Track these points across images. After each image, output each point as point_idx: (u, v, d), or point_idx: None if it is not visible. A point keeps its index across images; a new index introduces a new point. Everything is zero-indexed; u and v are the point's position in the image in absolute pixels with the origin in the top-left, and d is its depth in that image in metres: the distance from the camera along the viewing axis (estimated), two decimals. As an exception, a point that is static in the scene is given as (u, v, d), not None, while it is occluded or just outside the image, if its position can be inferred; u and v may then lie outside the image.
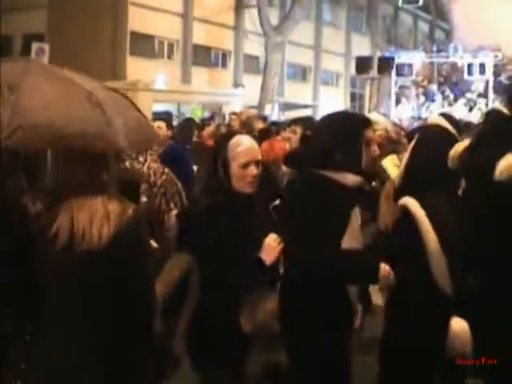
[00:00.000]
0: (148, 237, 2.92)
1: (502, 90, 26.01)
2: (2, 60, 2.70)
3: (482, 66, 26.83)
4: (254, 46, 35.19)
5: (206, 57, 34.98)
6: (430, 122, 4.26)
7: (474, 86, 27.75)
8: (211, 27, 34.18)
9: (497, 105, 13.22)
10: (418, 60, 28.98)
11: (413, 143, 3.79)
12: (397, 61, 28.85)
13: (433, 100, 28.25)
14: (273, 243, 3.53)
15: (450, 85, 28.70)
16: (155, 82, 25.73)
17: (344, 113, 4.93)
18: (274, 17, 33.20)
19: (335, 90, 43.81)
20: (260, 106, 28.92)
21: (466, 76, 27.53)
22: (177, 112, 25.32)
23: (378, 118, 4.21)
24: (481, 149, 3.59)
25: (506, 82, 26.98)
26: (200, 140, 11.40)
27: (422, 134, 3.81)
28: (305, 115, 15.11)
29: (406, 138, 8.17)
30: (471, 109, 26.10)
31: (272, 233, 3.59)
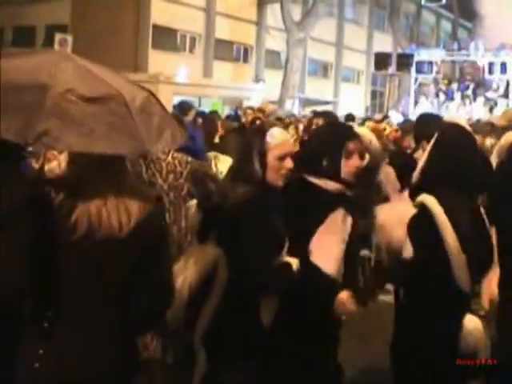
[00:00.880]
0: (167, 229, 2.91)
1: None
2: (27, 50, 2.70)
3: (504, 65, 26.32)
4: (275, 42, 35.20)
5: (228, 51, 35.04)
6: (448, 120, 4.22)
7: (495, 85, 27.35)
8: (233, 22, 34.22)
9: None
10: (438, 58, 28.65)
11: (432, 141, 3.80)
12: (417, 58, 28.54)
13: (452, 98, 27.95)
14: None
15: (470, 84, 28.29)
16: (177, 75, 25.77)
17: (333, 124, 5.33)
18: (296, 12, 33.17)
19: (356, 87, 43.73)
20: (280, 101, 29.00)
21: (486, 75, 27.12)
22: (198, 106, 25.30)
23: (363, 132, 4.47)
24: None
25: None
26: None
27: (441, 132, 3.81)
28: (325, 109, 15.04)
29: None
30: (491, 108, 25.68)
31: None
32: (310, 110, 28.71)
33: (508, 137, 5.06)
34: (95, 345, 2.69)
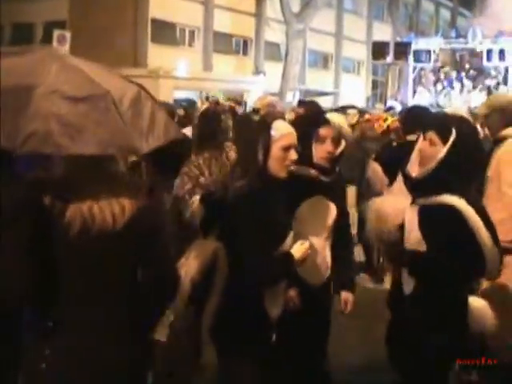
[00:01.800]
0: (164, 221, 2.94)
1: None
2: (22, 48, 2.70)
3: (502, 52, 25.71)
4: (275, 34, 35.18)
5: (227, 44, 35.01)
6: (452, 113, 4.26)
7: (494, 73, 27.14)
8: (232, 14, 34.21)
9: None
10: (436, 46, 28.38)
11: (452, 137, 3.65)
12: (414, 47, 28.11)
13: (452, 87, 27.80)
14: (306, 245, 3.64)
15: (469, 72, 28.10)
16: (176, 69, 25.76)
17: (306, 113, 5.63)
18: (295, 4, 33.12)
19: (356, 78, 43.70)
20: (281, 93, 28.90)
21: (485, 62, 26.68)
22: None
23: (334, 118, 4.45)
24: None
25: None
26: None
27: (459, 128, 3.68)
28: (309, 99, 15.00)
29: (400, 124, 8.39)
30: (490, 94, 25.41)
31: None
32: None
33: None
34: (102, 343, 2.69)
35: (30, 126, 2.43)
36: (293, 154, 3.57)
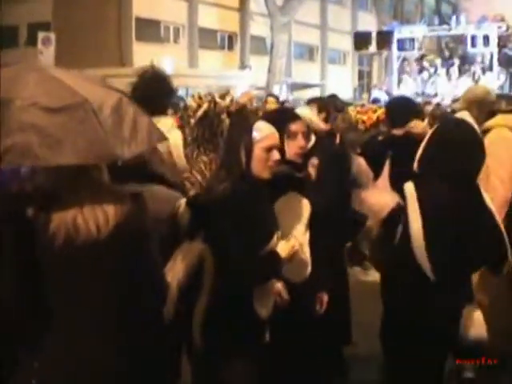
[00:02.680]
0: (150, 226, 2.90)
1: (507, 62, 25.63)
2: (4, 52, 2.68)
3: (486, 38, 25.60)
4: (260, 27, 35.13)
5: (213, 40, 34.96)
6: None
7: (479, 59, 27.06)
8: (216, 10, 34.15)
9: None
10: (419, 34, 28.19)
11: (431, 130, 3.84)
12: (398, 35, 27.83)
13: (437, 74, 27.75)
14: (292, 241, 3.64)
15: (454, 58, 27.99)
16: (162, 66, 25.67)
17: (277, 110, 5.62)
18: (278, -3, 33.17)
19: (343, 69, 43.67)
20: (268, 86, 28.94)
21: (469, 48, 26.45)
22: (185, 96, 25.24)
23: (303, 112, 4.54)
24: None
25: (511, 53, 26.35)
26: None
27: (441, 122, 3.81)
28: (318, 96, 15.11)
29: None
30: (477, 82, 25.37)
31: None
32: (299, 94, 28.71)
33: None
34: (93, 355, 2.67)
35: (8, 139, 2.43)
36: (275, 155, 3.57)
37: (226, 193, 3.42)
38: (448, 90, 24.88)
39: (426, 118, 8.19)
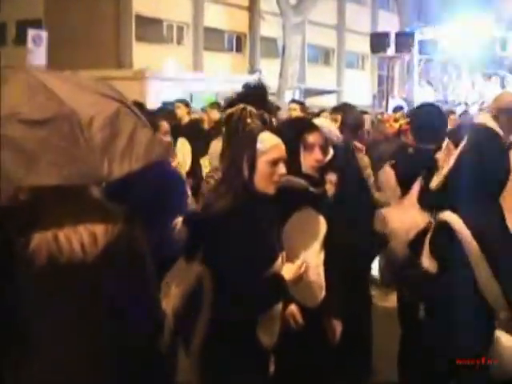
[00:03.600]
0: (144, 249, 2.86)
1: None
2: None
3: None
4: (271, 28, 35.08)
5: (219, 41, 35.14)
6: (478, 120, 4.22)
7: (508, 62, 26.72)
8: (224, 8, 34.36)
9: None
10: (443, 35, 28.03)
11: (461, 146, 3.70)
12: (419, 37, 27.74)
13: (461, 80, 27.49)
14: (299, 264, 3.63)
15: (481, 62, 27.67)
16: (164, 69, 25.78)
17: (294, 119, 5.93)
18: (292, -5, 33.20)
19: (361, 73, 43.85)
20: (279, 92, 28.77)
21: (498, 51, 26.32)
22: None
23: (322, 122, 4.68)
24: None
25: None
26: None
27: (471, 136, 3.70)
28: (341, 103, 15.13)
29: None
30: (505, 88, 25.03)
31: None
32: (313, 101, 28.67)
33: None
34: (78, 380, 2.65)
35: None
36: (281, 168, 3.59)
37: (226, 209, 3.46)
38: (474, 98, 24.71)
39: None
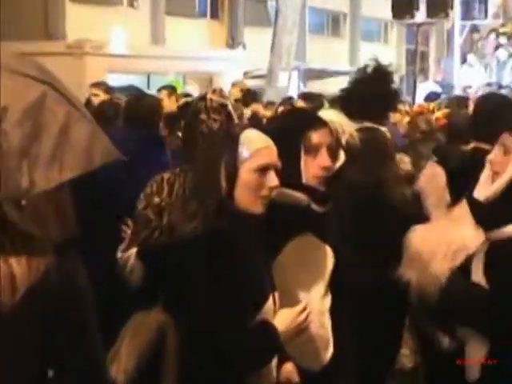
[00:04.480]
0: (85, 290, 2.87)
1: None
2: None
3: None
4: (259, -16, 35.39)
5: (187, 3, 35.14)
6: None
7: None
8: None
9: None
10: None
11: None
12: None
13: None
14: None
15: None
16: (110, 42, 25.81)
17: (291, 111, 5.91)
18: None
19: (383, 48, 43.48)
20: (270, 74, 28.41)
21: None
22: (147, 87, 25.36)
23: (332, 117, 4.67)
24: None
25: None
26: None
27: None
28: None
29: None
30: None
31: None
32: (316, 85, 28.61)
33: None
34: None
35: None
36: (272, 179, 3.62)
37: (195, 236, 3.52)
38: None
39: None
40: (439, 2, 26.87)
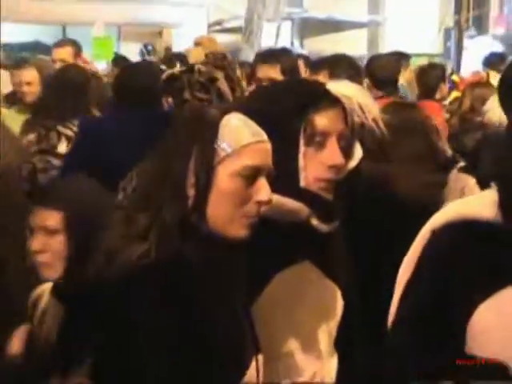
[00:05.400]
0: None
1: None
2: None
3: None
4: None
5: None
6: None
7: None
8: None
9: None
10: None
11: None
12: None
13: None
14: None
15: None
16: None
17: (289, 82, 5.95)
18: None
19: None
20: (248, 26, 28.91)
21: None
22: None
23: (346, 91, 4.43)
24: None
25: None
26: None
27: None
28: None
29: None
30: None
31: None
32: (317, 44, 27.76)
33: None
34: None
35: None
36: (263, 191, 3.68)
37: (145, 265, 3.57)
38: None
39: None
40: None
